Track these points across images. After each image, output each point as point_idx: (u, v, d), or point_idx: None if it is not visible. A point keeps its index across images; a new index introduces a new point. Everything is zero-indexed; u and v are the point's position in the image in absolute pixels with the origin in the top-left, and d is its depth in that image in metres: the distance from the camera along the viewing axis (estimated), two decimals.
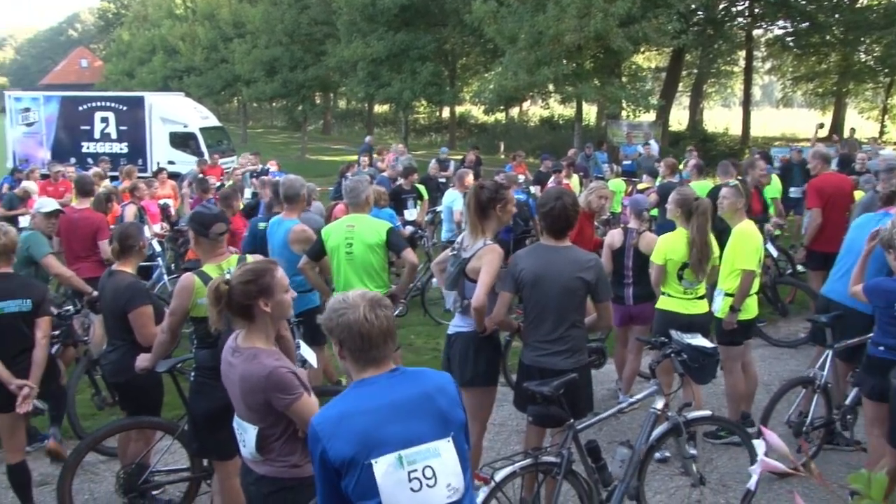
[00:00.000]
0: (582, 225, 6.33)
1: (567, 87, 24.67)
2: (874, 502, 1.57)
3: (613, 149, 24.17)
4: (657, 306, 6.27)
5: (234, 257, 4.68)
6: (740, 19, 32.80)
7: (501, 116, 45.84)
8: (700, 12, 29.82)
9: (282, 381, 3.27)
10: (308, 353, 4.74)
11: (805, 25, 30.69)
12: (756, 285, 6.33)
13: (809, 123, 28.24)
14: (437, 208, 13.46)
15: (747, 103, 36.57)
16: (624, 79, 25.99)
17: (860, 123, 35.46)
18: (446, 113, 47.44)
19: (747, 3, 32.04)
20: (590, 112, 38.87)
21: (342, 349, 2.72)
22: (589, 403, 5.00)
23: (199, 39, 44.45)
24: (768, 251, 8.77)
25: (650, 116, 28.18)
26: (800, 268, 10.09)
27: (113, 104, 27.02)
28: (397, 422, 2.60)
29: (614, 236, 7.01)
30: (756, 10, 31.78)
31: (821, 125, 22.32)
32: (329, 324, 2.72)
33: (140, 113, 26.38)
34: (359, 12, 31.09)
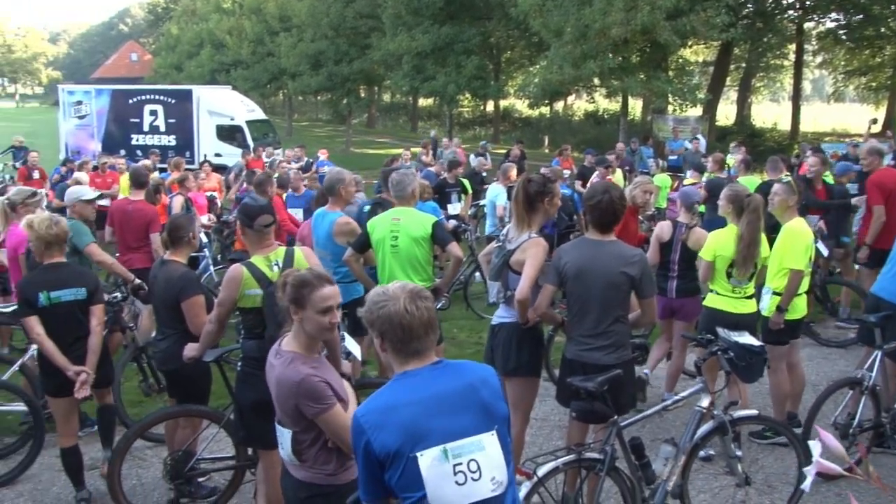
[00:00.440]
0: (626, 220, 6.27)
1: (613, 81, 24.48)
2: None
3: (659, 144, 23.91)
4: (704, 304, 6.19)
5: (282, 249, 4.70)
6: (791, 12, 32.22)
7: (546, 110, 45.65)
8: (749, 5, 29.40)
9: (313, 390, 3.25)
10: (352, 345, 4.75)
11: (859, 18, 30.06)
12: (805, 284, 6.21)
13: (862, 119, 27.70)
14: (481, 202, 13.45)
15: (797, 98, 35.98)
16: (670, 73, 25.67)
17: None
18: (490, 107, 47.32)
19: None
20: (635, 106, 38.51)
21: (383, 342, 2.70)
22: (632, 399, 4.96)
23: (246, 33, 44.89)
24: (818, 249, 8.60)
25: (697, 111, 27.86)
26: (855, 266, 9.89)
27: (162, 97, 27.46)
28: (442, 415, 2.60)
29: (663, 228, 6.93)
30: (807, 3, 31.20)
31: (874, 120, 21.81)
32: (370, 316, 2.71)
33: (188, 106, 26.77)
34: (404, 6, 31.15)
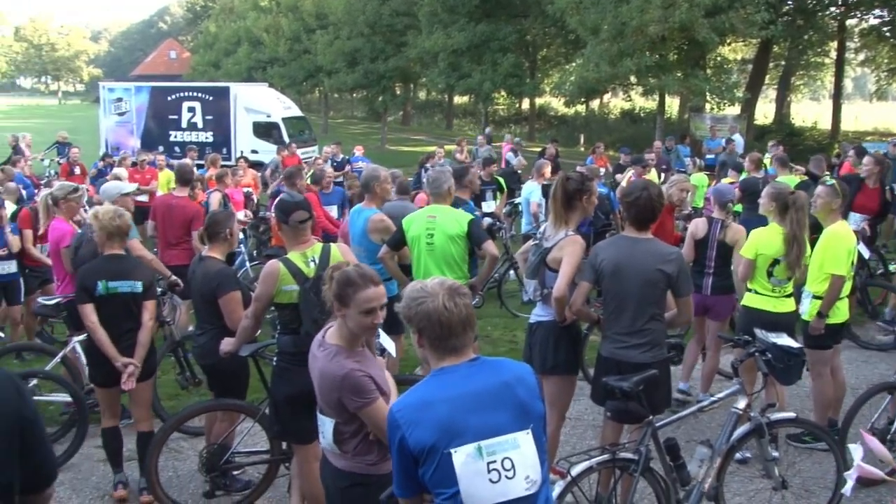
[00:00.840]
0: (663, 219, 6.24)
1: (650, 79, 24.24)
2: None
3: (696, 142, 23.68)
4: (743, 303, 6.12)
5: (318, 245, 4.72)
6: (833, 9, 31.58)
7: (582, 108, 45.38)
8: (790, 2, 28.94)
9: (356, 385, 3.28)
10: (387, 342, 4.76)
11: None
12: (847, 288, 6.09)
13: None
14: (516, 200, 13.42)
15: (838, 96, 35.35)
16: (708, 71, 25.40)
17: None
18: (526, 104, 47.17)
19: None
20: (672, 104, 38.15)
21: (421, 337, 2.71)
22: (667, 399, 4.94)
23: (283, 31, 45.16)
24: (859, 252, 8.47)
25: (735, 109, 27.53)
26: (892, 267, 9.73)
27: (200, 94, 27.70)
28: (477, 412, 2.60)
29: (698, 225, 6.87)
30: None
31: None
32: (408, 312, 2.72)
33: (225, 103, 26.96)
34: (440, 3, 31.17)
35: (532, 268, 5.07)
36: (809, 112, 42.44)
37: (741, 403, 4.77)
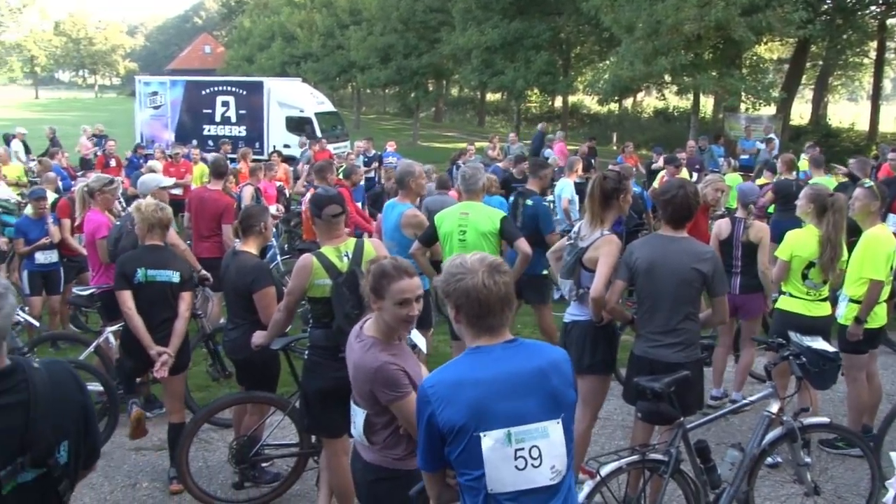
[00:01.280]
0: (697, 218, 6.21)
1: (684, 78, 24.03)
2: None
3: (730, 142, 23.44)
4: (777, 306, 6.06)
5: (352, 241, 4.73)
6: (873, 7, 31.08)
7: (615, 107, 45.14)
8: (828, 1, 28.51)
9: (389, 378, 3.28)
10: (418, 338, 4.76)
11: None
12: (885, 293, 5.97)
13: None
14: (548, 198, 13.36)
15: (876, 97, 34.83)
16: (744, 70, 25.10)
17: None
18: (559, 102, 46.95)
19: None
20: (706, 104, 37.78)
21: (458, 314, 2.69)
22: (699, 401, 4.89)
23: (317, 26, 45.34)
24: None
25: (770, 110, 27.20)
26: None
27: (233, 89, 27.95)
28: (509, 397, 2.58)
29: (721, 226, 6.86)
30: None
31: None
32: (446, 288, 2.70)
33: (259, 97, 27.17)
34: (474, 0, 31.07)
35: (567, 268, 5.05)
36: (847, 113, 41.88)
37: (774, 407, 4.71)
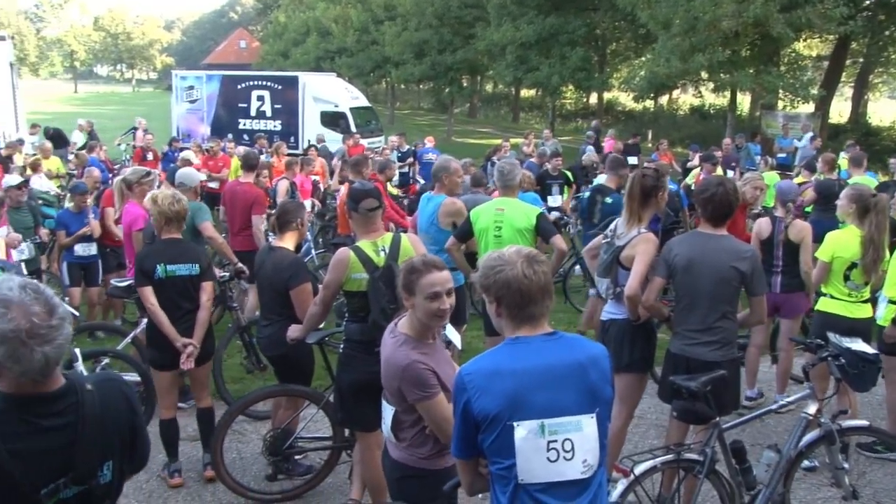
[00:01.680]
0: (735, 217, 6.14)
1: (721, 75, 23.80)
2: None
3: (767, 140, 23.18)
4: (817, 308, 5.98)
5: (389, 235, 4.72)
6: None
7: (650, 104, 44.80)
8: None
9: (417, 377, 3.27)
10: (452, 334, 4.76)
11: None
12: None
13: None
14: (583, 195, 13.29)
15: None
16: (782, 67, 24.80)
17: None
18: (593, 99, 46.72)
19: None
20: (743, 101, 37.35)
21: (499, 307, 2.69)
22: (735, 401, 4.85)
23: (352, 21, 45.49)
24: None
25: (808, 107, 26.84)
26: None
27: (269, 83, 28.12)
28: (545, 389, 2.58)
29: (762, 225, 6.78)
30: None
31: None
32: (485, 281, 2.70)
33: (294, 92, 27.31)
34: None
35: (604, 266, 5.03)
36: (888, 111, 41.14)
37: (811, 409, 4.65)
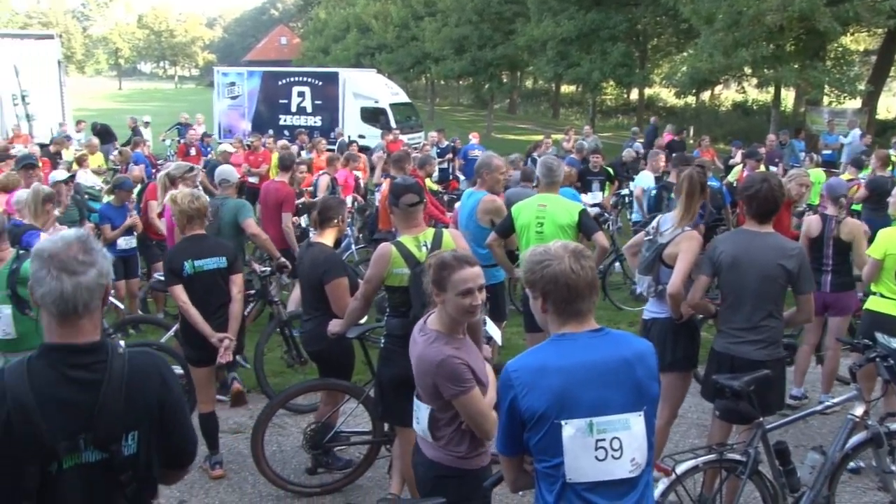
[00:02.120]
0: (780, 214, 6.04)
1: (765, 71, 23.46)
2: None
3: (812, 137, 22.81)
4: (866, 307, 5.88)
5: (431, 230, 4.73)
6: None
7: (692, 100, 44.30)
8: None
9: (452, 372, 3.25)
10: (493, 329, 4.77)
11: None
12: None
13: None
14: (623, 191, 13.23)
15: None
16: (828, 62, 24.35)
17: None
18: (634, 95, 46.32)
19: None
20: (787, 97, 36.77)
21: (545, 302, 2.67)
22: (780, 401, 4.78)
23: (392, 17, 45.64)
24: None
25: (855, 103, 26.36)
26: None
27: (310, 79, 28.31)
28: (593, 386, 2.56)
29: (811, 224, 6.67)
30: None
31: None
32: (531, 277, 2.68)
33: (334, 88, 27.46)
34: None
35: (646, 263, 5.00)
36: None
37: (858, 410, 4.57)
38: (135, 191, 9.31)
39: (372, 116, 26.64)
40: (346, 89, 27.35)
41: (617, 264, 10.26)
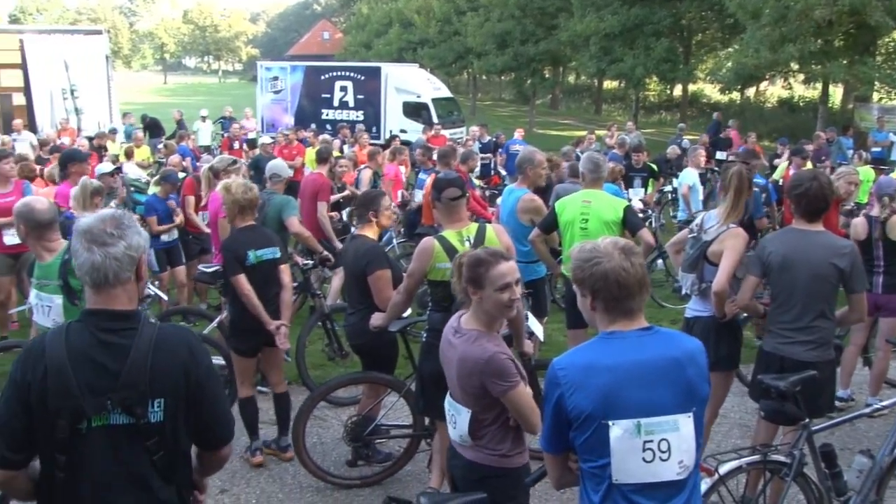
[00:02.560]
0: (828, 212, 5.94)
1: (813, 66, 23.05)
2: None
3: (861, 134, 22.38)
4: None
5: (474, 225, 4.72)
6: None
7: (736, 96, 43.72)
8: None
9: (501, 368, 3.22)
10: (535, 325, 4.74)
11: None
12: None
13: None
14: (666, 188, 13.11)
15: None
16: (878, 58, 23.86)
17: None
18: (678, 91, 45.80)
19: None
20: (835, 93, 36.10)
21: (594, 300, 2.62)
22: (830, 404, 4.69)
23: (434, 12, 45.62)
24: None
25: None
26: None
27: (352, 74, 28.43)
28: (641, 386, 2.52)
29: (857, 227, 6.54)
30: None
31: None
32: (580, 274, 2.63)
33: (376, 83, 27.54)
34: None
35: (690, 261, 4.94)
36: None
37: None
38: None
39: (414, 111, 26.68)
40: (389, 84, 27.41)
41: (659, 261, 10.16)
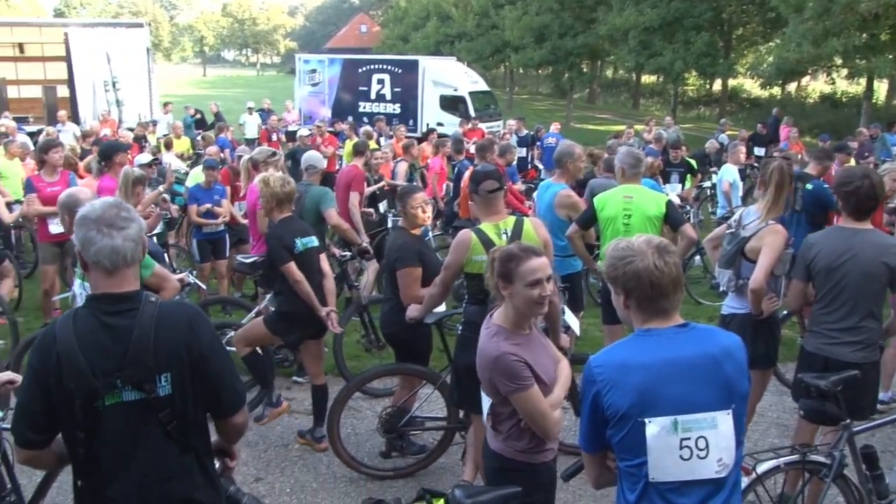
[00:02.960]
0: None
1: (857, 61, 22.63)
2: None
3: None
4: None
5: (512, 219, 4.70)
6: None
7: (777, 91, 43.08)
8: None
9: (508, 368, 3.19)
10: (571, 319, 4.72)
11: None
12: None
13: None
14: (705, 184, 12.98)
15: None
16: None
17: None
18: (717, 85, 45.26)
19: None
20: (879, 89, 35.43)
21: (627, 299, 2.60)
22: (872, 405, 4.61)
23: (472, 6, 45.46)
24: None
25: None
26: None
27: (389, 67, 28.44)
28: (678, 383, 2.48)
29: None
30: None
31: None
32: (613, 273, 2.60)
33: (414, 76, 27.51)
34: None
35: (727, 257, 4.89)
36: None
37: None
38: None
39: (451, 104, 26.62)
40: (426, 77, 27.38)
41: (697, 257, 10.06)
